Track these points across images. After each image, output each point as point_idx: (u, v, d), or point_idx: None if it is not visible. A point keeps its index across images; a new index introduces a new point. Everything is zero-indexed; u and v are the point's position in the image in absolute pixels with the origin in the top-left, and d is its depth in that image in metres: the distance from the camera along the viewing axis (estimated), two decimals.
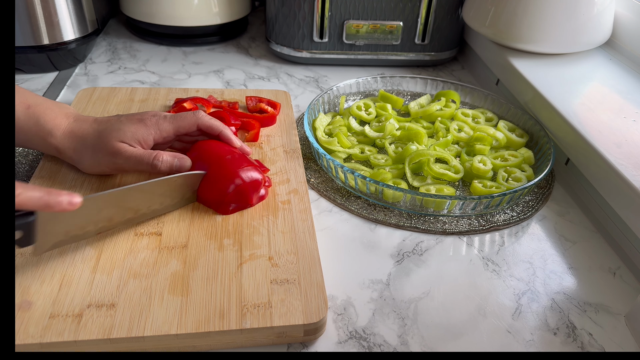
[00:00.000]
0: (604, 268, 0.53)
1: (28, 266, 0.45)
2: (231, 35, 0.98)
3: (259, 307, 0.43)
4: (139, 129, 0.52)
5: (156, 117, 0.54)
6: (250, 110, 0.71)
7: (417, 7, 0.84)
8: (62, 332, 0.40)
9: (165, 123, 0.54)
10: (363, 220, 0.57)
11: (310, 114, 0.68)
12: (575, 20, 0.72)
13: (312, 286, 0.45)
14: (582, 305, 0.49)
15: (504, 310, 0.47)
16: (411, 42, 0.88)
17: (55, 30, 0.77)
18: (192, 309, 0.42)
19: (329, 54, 0.88)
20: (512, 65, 0.75)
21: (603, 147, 0.56)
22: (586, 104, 0.65)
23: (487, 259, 0.53)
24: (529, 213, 0.59)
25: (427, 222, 0.57)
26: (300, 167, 0.60)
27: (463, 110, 0.73)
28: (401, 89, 0.79)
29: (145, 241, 0.49)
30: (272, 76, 0.86)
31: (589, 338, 0.46)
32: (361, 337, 0.44)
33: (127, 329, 0.40)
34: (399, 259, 0.52)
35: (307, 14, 0.83)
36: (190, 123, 0.55)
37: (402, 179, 0.61)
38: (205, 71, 0.86)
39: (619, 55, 0.78)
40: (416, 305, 0.47)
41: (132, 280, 0.44)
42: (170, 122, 0.54)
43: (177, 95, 0.73)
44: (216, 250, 0.48)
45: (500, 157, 0.65)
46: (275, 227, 0.51)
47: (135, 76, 0.83)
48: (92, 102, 0.69)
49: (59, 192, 0.40)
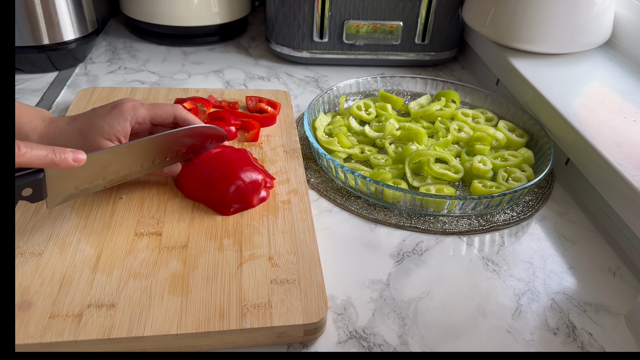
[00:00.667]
0: (604, 268, 0.53)
1: (28, 266, 0.45)
2: (231, 35, 0.98)
3: (259, 307, 0.43)
4: (117, 118, 0.51)
5: (132, 102, 0.53)
6: (250, 110, 0.71)
7: (417, 7, 0.84)
8: (62, 332, 0.40)
9: (142, 109, 0.53)
10: (363, 220, 0.57)
11: (310, 114, 0.68)
12: (575, 20, 0.72)
13: (312, 286, 0.45)
14: (582, 305, 0.49)
15: (504, 310, 0.47)
16: (411, 42, 0.88)
17: (55, 30, 0.77)
18: (192, 309, 0.42)
19: (329, 54, 0.88)
20: (512, 65, 0.75)
21: (603, 147, 0.56)
22: (586, 104, 0.65)
23: (487, 259, 0.53)
24: (529, 213, 0.59)
25: (427, 222, 0.57)
26: (300, 167, 0.60)
27: (463, 110, 0.73)
28: (401, 89, 0.79)
29: (145, 241, 0.49)
30: (272, 76, 0.86)
31: (589, 338, 0.45)
32: (361, 337, 0.44)
33: (127, 329, 0.40)
34: (399, 259, 0.52)
35: (307, 14, 0.83)
36: (167, 113, 0.54)
37: (402, 179, 0.61)
38: (205, 71, 0.86)
39: (619, 55, 0.78)
40: (416, 305, 0.47)
41: (132, 280, 0.44)
42: (148, 109, 0.54)
43: (177, 95, 0.73)
44: (216, 250, 0.48)
45: (500, 157, 0.65)
46: (275, 227, 0.51)
47: (135, 76, 0.83)
48: (92, 102, 0.69)
49: (64, 150, 0.42)
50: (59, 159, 0.42)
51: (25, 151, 0.40)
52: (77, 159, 0.43)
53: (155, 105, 0.54)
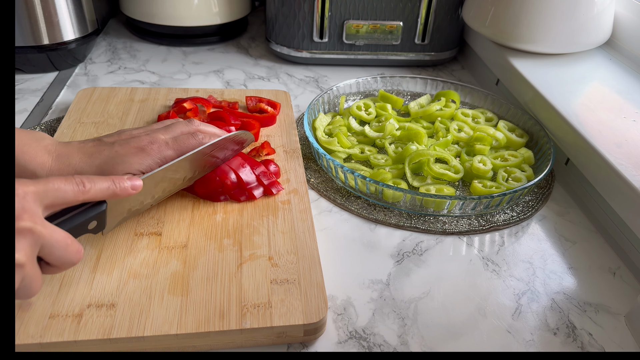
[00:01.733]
0: (604, 268, 0.53)
1: None
2: (231, 35, 0.98)
3: (259, 307, 0.43)
4: (144, 160, 0.48)
5: (156, 144, 0.49)
6: (250, 110, 0.71)
7: (417, 7, 0.84)
8: (62, 332, 0.40)
9: (168, 151, 0.50)
10: (363, 220, 0.57)
11: (310, 114, 0.68)
12: (575, 20, 0.72)
13: (312, 286, 0.45)
14: (582, 305, 0.49)
15: (504, 310, 0.47)
16: (411, 42, 0.88)
17: (55, 30, 0.77)
18: (192, 309, 0.42)
19: (329, 54, 0.88)
20: (512, 65, 0.75)
21: (603, 147, 0.56)
22: (586, 104, 0.65)
23: (487, 259, 0.53)
24: (529, 213, 0.59)
25: (427, 222, 0.57)
26: (300, 167, 0.60)
27: (463, 110, 0.73)
28: (401, 89, 0.79)
29: (145, 241, 0.49)
30: (272, 76, 0.86)
31: (588, 338, 0.45)
32: (361, 337, 0.44)
33: (127, 329, 0.40)
34: (399, 259, 0.52)
35: (307, 14, 0.83)
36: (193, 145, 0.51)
37: (402, 179, 0.61)
38: (205, 71, 0.86)
39: (619, 55, 0.78)
40: (416, 305, 0.47)
41: (132, 280, 0.44)
42: (173, 148, 0.50)
43: (177, 95, 0.73)
44: (216, 250, 0.48)
45: (500, 157, 0.65)
46: (275, 227, 0.51)
47: (135, 76, 0.83)
48: (92, 102, 0.69)
49: (122, 179, 0.43)
50: (119, 189, 0.42)
51: (90, 187, 0.40)
52: (135, 186, 0.44)
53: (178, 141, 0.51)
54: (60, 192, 0.38)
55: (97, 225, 0.43)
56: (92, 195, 0.40)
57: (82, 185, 0.40)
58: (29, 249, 0.35)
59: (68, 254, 0.38)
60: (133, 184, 0.43)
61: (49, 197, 0.38)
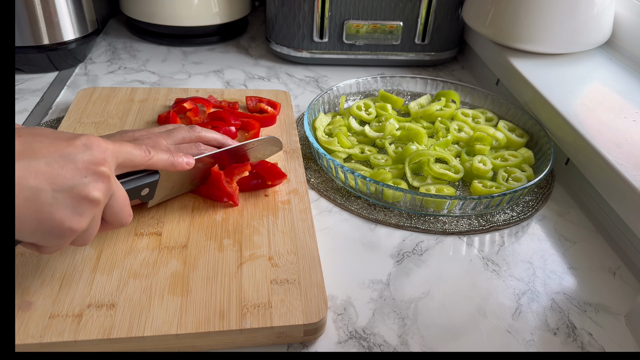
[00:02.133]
0: (604, 268, 0.53)
1: (28, 266, 0.45)
2: (231, 35, 0.98)
3: (259, 307, 0.43)
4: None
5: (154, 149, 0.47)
6: (250, 110, 0.71)
7: (417, 7, 0.84)
8: (62, 332, 0.40)
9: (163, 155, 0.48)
10: (363, 220, 0.57)
11: (310, 114, 0.68)
12: (575, 20, 0.72)
13: (312, 286, 0.45)
14: (582, 305, 0.49)
15: (504, 310, 0.47)
16: (411, 42, 0.88)
17: (55, 30, 0.77)
18: (192, 309, 0.42)
19: (329, 54, 0.88)
20: (512, 65, 0.75)
21: (603, 147, 0.56)
22: (586, 104, 0.65)
23: (487, 259, 0.53)
24: (529, 213, 0.59)
25: (427, 222, 0.57)
26: (300, 167, 0.60)
27: (463, 110, 0.73)
28: (401, 89, 0.79)
29: (145, 241, 0.49)
30: (272, 76, 0.86)
31: (589, 338, 0.45)
32: (361, 337, 0.44)
33: (127, 329, 0.40)
34: (399, 259, 0.52)
35: (307, 14, 0.83)
36: (194, 155, 0.51)
37: (402, 179, 0.61)
38: (205, 71, 0.86)
39: (619, 55, 0.78)
40: (416, 305, 0.47)
41: (132, 280, 0.44)
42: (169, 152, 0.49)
43: (177, 95, 0.73)
44: (216, 250, 0.48)
45: (500, 157, 0.65)
46: (275, 227, 0.51)
47: (135, 76, 0.83)
48: (92, 102, 0.69)
49: (179, 154, 0.47)
50: (177, 162, 0.46)
51: (154, 155, 0.44)
52: (190, 162, 0.48)
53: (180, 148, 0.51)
54: (132, 155, 0.42)
55: (148, 193, 0.47)
56: (153, 162, 0.44)
57: (147, 152, 0.44)
58: (105, 191, 0.38)
59: (123, 212, 0.42)
60: (188, 160, 0.47)
61: (122, 157, 0.41)
